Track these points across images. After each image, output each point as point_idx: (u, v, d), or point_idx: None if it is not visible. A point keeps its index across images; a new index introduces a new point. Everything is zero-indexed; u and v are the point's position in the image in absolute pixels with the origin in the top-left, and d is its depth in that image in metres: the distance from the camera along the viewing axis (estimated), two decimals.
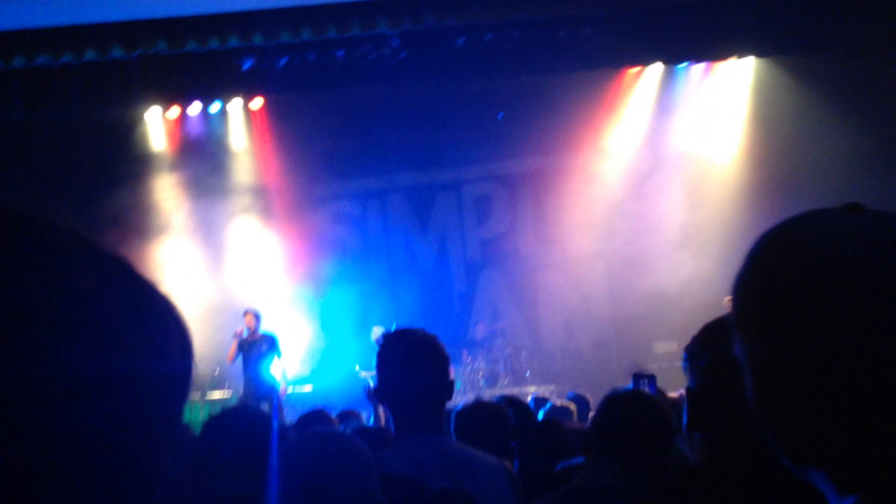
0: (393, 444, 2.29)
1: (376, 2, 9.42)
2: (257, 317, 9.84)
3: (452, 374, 2.44)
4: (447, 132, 11.75)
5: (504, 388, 9.97)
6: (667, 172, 11.37)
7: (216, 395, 10.55)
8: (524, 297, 11.93)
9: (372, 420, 6.99)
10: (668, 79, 11.50)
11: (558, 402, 5.67)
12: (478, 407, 3.08)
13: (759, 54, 10.85)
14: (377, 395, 2.39)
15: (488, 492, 2.21)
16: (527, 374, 10.89)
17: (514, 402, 3.81)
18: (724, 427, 1.44)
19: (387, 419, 2.81)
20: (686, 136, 11.49)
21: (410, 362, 2.30)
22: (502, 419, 2.97)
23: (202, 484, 2.75)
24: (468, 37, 10.23)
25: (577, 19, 10.10)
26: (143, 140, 11.80)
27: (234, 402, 9.93)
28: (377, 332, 10.52)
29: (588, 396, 6.23)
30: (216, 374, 10.81)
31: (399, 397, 2.31)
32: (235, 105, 11.76)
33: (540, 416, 4.58)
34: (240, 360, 9.79)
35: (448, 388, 2.35)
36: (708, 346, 1.48)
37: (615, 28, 10.16)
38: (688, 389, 1.52)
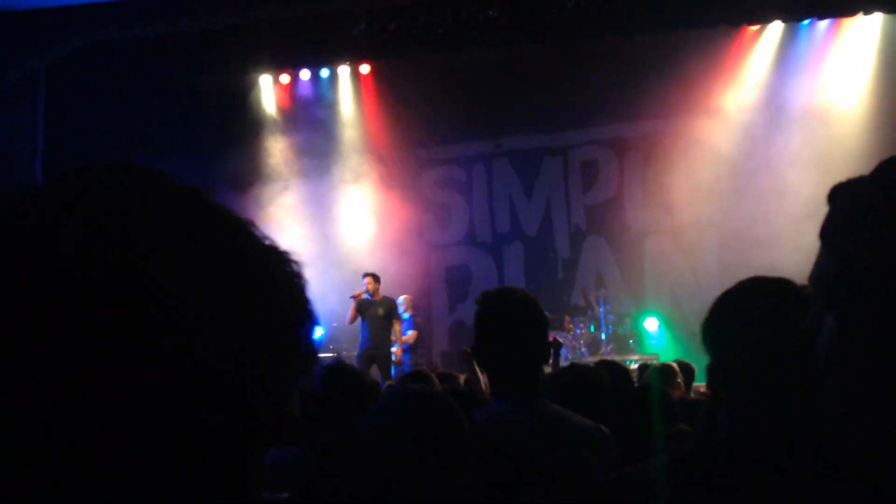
0: (486, 405, 2.29)
1: None
2: (377, 279, 9.96)
3: (552, 337, 2.41)
4: (555, 95, 11.55)
5: (606, 356, 9.85)
6: (789, 137, 10.80)
7: (322, 355, 10.87)
8: (629, 263, 11.68)
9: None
10: (790, 37, 10.92)
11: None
12: (573, 371, 3.05)
13: (887, 10, 10.16)
14: (475, 354, 2.38)
15: (582, 455, 2.18)
16: (630, 342, 10.72)
17: (613, 367, 3.75)
18: (747, 404, 1.33)
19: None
20: (809, 97, 10.89)
21: (509, 323, 2.28)
22: (598, 383, 2.92)
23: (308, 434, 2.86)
24: None
25: None
26: (257, 105, 12.16)
27: (332, 362, 10.19)
28: (407, 301, 10.41)
29: (694, 366, 6.10)
30: (321, 335, 11.12)
31: (496, 358, 2.29)
32: (344, 71, 11.98)
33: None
34: (358, 321, 9.96)
35: (546, 351, 2.33)
36: (725, 319, 1.40)
37: None
38: (708, 366, 1.42)
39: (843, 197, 0.79)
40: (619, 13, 9.94)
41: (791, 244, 10.33)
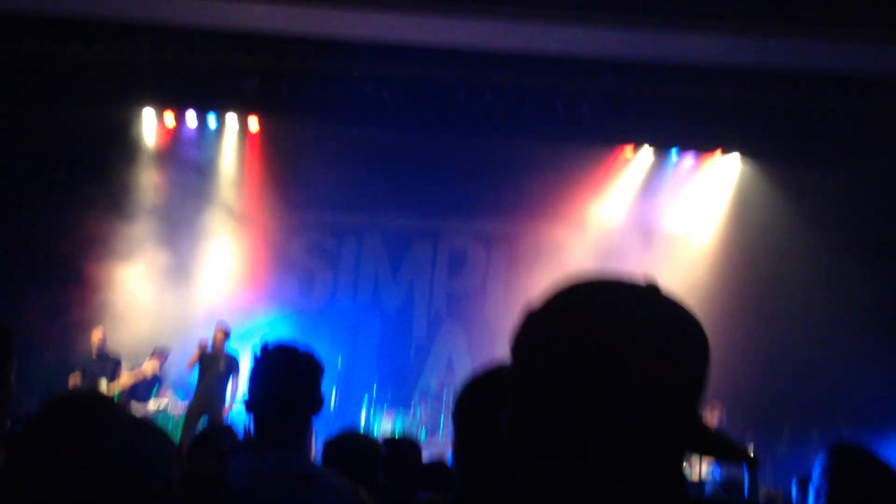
0: (240, 455, 2.28)
1: (383, 45, 9.58)
2: (227, 333, 9.75)
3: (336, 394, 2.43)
4: (434, 182, 11.83)
5: (444, 442, 9.91)
6: (646, 257, 11.45)
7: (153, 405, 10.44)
8: (481, 354, 11.87)
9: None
10: (658, 163, 11.72)
11: None
12: (347, 437, 3.11)
13: (743, 152, 11.16)
14: (245, 405, 2.39)
15: None
16: None
17: (406, 443, 3.76)
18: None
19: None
20: (667, 220, 11.67)
21: (278, 376, 2.31)
22: (371, 452, 2.99)
23: None
24: (468, 92, 10.40)
25: (576, 94, 10.31)
26: (137, 140, 11.87)
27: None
28: (97, 336, 9.92)
29: None
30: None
31: (262, 409, 2.32)
32: (232, 120, 11.91)
33: None
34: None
35: (315, 405, 2.36)
36: (466, 405, 1.41)
37: (610, 108, 10.38)
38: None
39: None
40: (504, 115, 10.41)
41: None
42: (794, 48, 8.40)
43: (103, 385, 9.51)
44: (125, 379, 9.72)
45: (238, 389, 9.61)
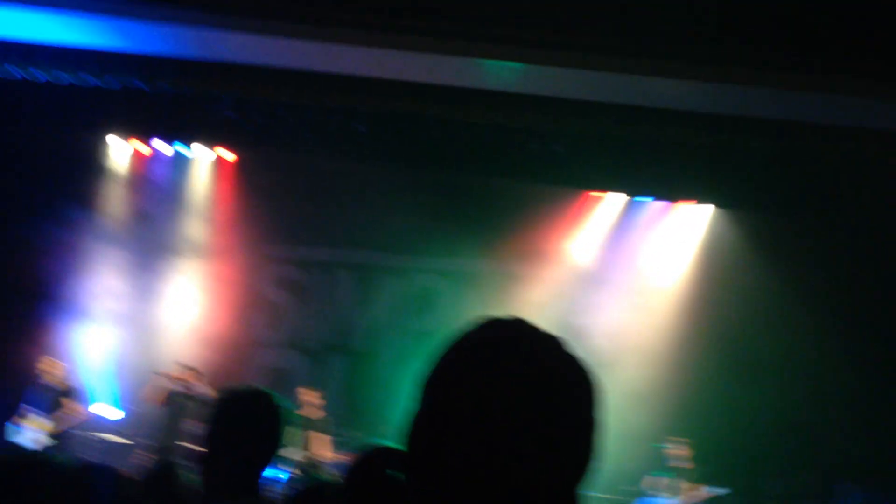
0: None
1: (359, 79, 9.53)
2: (199, 373, 9.64)
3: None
4: (405, 216, 11.71)
5: None
6: (609, 296, 11.39)
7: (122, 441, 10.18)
8: None
9: None
10: (630, 207, 11.69)
11: None
12: (316, 489, 2.95)
13: (718, 204, 11.11)
14: (197, 454, 2.28)
15: None
16: None
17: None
18: None
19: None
20: (638, 265, 11.60)
21: (236, 422, 2.23)
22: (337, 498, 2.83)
23: None
24: (443, 128, 10.35)
25: (550, 134, 10.29)
26: (105, 168, 11.76)
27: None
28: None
29: None
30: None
31: (218, 457, 2.22)
32: (203, 150, 11.79)
33: None
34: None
35: (269, 452, 2.26)
36: None
37: (584, 151, 10.35)
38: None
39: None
40: (478, 152, 10.36)
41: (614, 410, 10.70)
42: (771, 96, 8.41)
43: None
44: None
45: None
